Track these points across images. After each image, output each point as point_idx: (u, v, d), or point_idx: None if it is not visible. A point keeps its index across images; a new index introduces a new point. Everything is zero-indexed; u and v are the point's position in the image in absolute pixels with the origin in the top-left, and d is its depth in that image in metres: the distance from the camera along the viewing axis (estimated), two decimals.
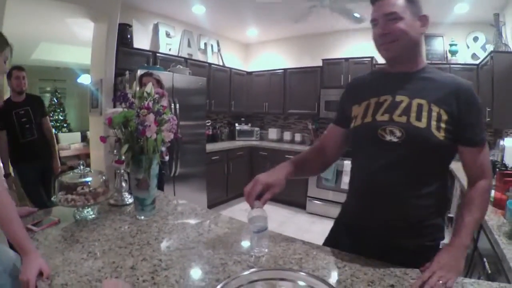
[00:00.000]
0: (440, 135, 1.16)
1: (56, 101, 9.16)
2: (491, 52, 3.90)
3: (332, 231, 1.56)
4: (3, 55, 1.37)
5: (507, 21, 4.15)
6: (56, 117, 9.05)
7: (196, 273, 1.16)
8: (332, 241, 1.48)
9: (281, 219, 5.18)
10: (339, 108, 1.52)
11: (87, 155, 5.92)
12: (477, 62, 4.69)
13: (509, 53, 3.79)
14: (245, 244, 1.42)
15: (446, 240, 1.25)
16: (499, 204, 2.01)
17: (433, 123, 1.16)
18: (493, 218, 1.88)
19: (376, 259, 1.24)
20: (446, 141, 1.16)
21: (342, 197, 4.85)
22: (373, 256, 1.26)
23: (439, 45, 5.17)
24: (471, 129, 1.18)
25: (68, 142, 7.84)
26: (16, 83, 3.41)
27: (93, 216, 1.65)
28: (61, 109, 9.28)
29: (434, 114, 1.17)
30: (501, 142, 3.61)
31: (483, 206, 1.21)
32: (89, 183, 1.69)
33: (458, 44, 5.01)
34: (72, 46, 6.82)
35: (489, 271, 1.65)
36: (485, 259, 1.77)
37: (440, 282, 1.00)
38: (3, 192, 1.14)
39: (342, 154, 1.56)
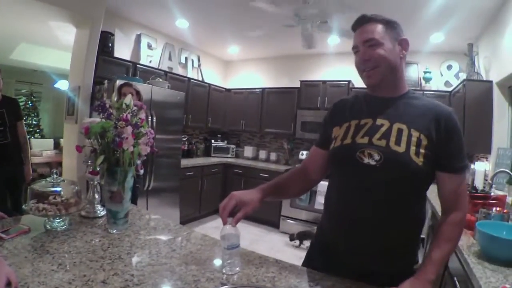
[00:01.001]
0: (419, 160, 1.16)
1: (31, 104, 8.91)
2: (464, 80, 4.06)
3: (308, 254, 1.56)
4: None
5: (480, 51, 4.34)
6: (30, 121, 8.79)
7: None
8: (308, 264, 1.46)
9: (253, 238, 5.16)
10: (321, 130, 1.52)
11: (59, 163, 5.78)
12: (450, 89, 4.88)
13: (481, 82, 3.97)
14: (218, 261, 1.41)
15: (419, 262, 1.28)
16: (468, 226, 2.07)
17: (412, 148, 1.17)
18: (463, 238, 1.92)
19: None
20: (424, 166, 1.17)
21: (315, 217, 4.97)
22: (347, 277, 1.27)
23: (413, 72, 5.35)
24: (450, 155, 1.19)
25: (40, 149, 7.62)
26: None
27: (64, 227, 1.61)
28: (35, 113, 9.04)
29: (413, 139, 1.18)
30: (472, 166, 3.74)
31: (453, 240, 1.21)
32: (62, 193, 1.66)
33: (432, 71, 5.20)
34: (53, 49, 6.70)
35: None
36: (455, 278, 1.81)
37: None
38: None
39: (325, 176, 1.54)
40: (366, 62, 1.26)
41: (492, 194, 2.55)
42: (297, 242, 4.94)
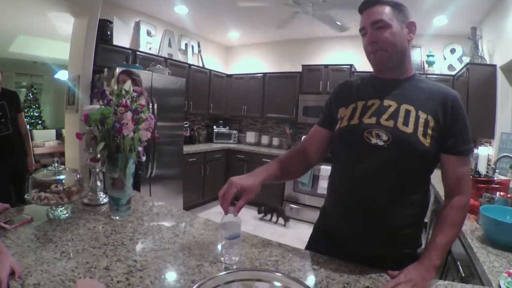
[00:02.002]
0: (426, 141, 1.16)
1: (32, 96, 8.92)
2: (467, 64, 4.01)
3: (311, 238, 1.55)
4: None
5: (484, 35, 4.28)
6: (31, 113, 8.82)
7: (171, 274, 1.14)
8: (311, 248, 1.46)
9: (256, 223, 5.18)
10: (325, 110, 1.50)
11: (62, 154, 5.79)
12: (453, 73, 4.83)
13: (484, 65, 3.92)
14: (219, 247, 1.41)
15: (423, 246, 1.27)
16: (472, 210, 2.06)
17: (420, 129, 1.17)
18: (466, 223, 1.92)
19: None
20: (431, 148, 1.17)
21: (317, 201, 4.98)
22: (351, 261, 1.27)
23: (416, 56, 5.28)
24: (455, 137, 1.19)
25: (42, 140, 7.65)
26: None
27: (67, 215, 1.61)
28: (37, 105, 9.05)
29: (421, 120, 1.18)
30: (475, 151, 3.72)
31: (457, 225, 1.20)
32: (63, 181, 1.66)
33: (435, 55, 5.15)
34: (52, 40, 6.67)
35: (463, 274, 1.69)
36: (458, 263, 1.81)
37: None
38: None
39: (324, 157, 1.54)
40: (374, 44, 1.25)
41: (495, 178, 2.54)
42: (262, 215, 5.19)
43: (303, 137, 5.85)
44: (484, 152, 3.73)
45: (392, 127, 1.20)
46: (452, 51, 5.12)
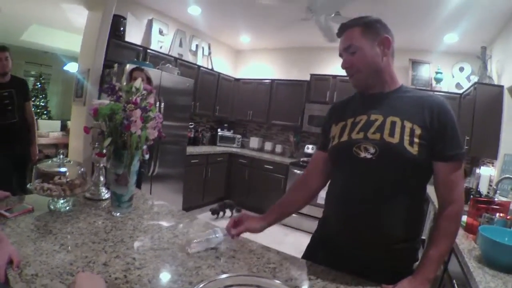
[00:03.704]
0: (414, 150, 1.17)
1: (39, 86, 8.93)
2: (475, 83, 4.00)
3: (309, 247, 1.57)
4: None
5: (494, 55, 4.27)
6: (38, 103, 8.82)
7: (169, 274, 1.15)
8: (308, 257, 1.47)
9: None
10: (321, 133, 1.55)
11: (65, 145, 5.80)
12: (461, 91, 4.82)
13: (492, 86, 3.90)
14: (219, 249, 1.41)
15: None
16: (470, 229, 2.06)
17: (406, 138, 1.18)
18: (464, 242, 1.93)
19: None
20: (420, 155, 1.18)
21: (317, 211, 4.94)
22: (347, 272, 1.27)
23: (425, 72, 5.29)
24: (444, 142, 1.19)
25: (46, 130, 7.65)
26: None
27: (68, 207, 1.62)
28: (44, 95, 9.06)
29: (407, 130, 1.20)
30: (477, 171, 3.71)
31: (450, 236, 1.21)
32: (67, 173, 1.66)
33: (443, 72, 5.14)
34: (64, 32, 6.69)
35: None
36: (454, 281, 1.81)
37: None
38: None
39: (328, 180, 1.53)
40: (348, 68, 1.32)
41: (496, 199, 2.53)
42: (221, 214, 5.25)
43: (307, 146, 5.87)
44: (486, 173, 3.71)
45: (378, 139, 1.22)
46: (461, 69, 5.11)
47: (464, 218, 2.16)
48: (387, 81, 1.32)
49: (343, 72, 1.36)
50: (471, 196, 2.59)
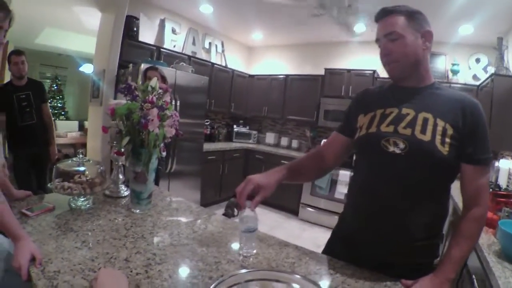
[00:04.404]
0: (444, 149, 1.14)
1: (56, 87, 9.07)
2: (492, 74, 3.92)
3: (329, 242, 1.56)
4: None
5: (510, 45, 4.19)
6: (55, 104, 8.96)
7: (189, 269, 1.16)
8: (328, 252, 1.46)
9: (272, 224, 5.18)
10: (344, 117, 1.51)
11: (83, 145, 5.89)
12: (478, 83, 4.73)
13: (510, 77, 3.82)
14: (238, 245, 1.42)
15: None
16: (490, 224, 2.03)
17: (438, 137, 1.15)
18: (483, 237, 1.89)
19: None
20: (449, 156, 1.15)
21: (334, 206, 4.95)
22: (367, 268, 1.27)
23: (441, 64, 5.21)
24: (473, 146, 1.16)
25: (64, 130, 7.77)
26: (15, 69, 3.41)
27: (88, 205, 1.64)
28: (60, 96, 9.19)
29: (439, 128, 1.16)
30: (496, 164, 3.65)
31: (472, 237, 1.18)
32: (87, 172, 1.69)
33: (460, 64, 5.05)
34: (77, 34, 6.78)
35: None
36: (474, 276, 1.79)
37: None
38: None
39: (340, 163, 1.55)
40: (386, 56, 1.26)
41: None
42: (235, 212, 5.13)
43: (323, 140, 5.85)
44: (506, 166, 3.64)
45: (409, 135, 1.19)
46: (477, 60, 5.02)
47: None
48: (423, 76, 1.28)
49: (358, 66, 1.34)
50: (490, 190, 2.55)
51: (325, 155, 1.53)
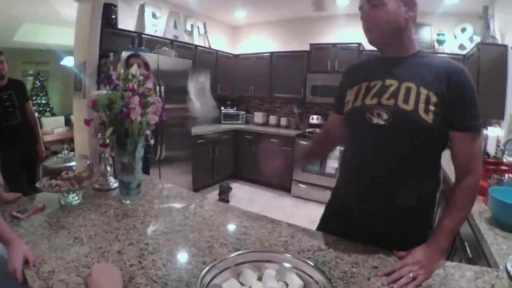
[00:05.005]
0: (429, 118, 1.14)
1: (39, 84, 8.93)
2: (478, 43, 3.92)
3: (323, 218, 1.57)
4: None
5: (496, 14, 4.17)
6: (39, 101, 8.85)
7: (183, 256, 1.16)
8: (322, 228, 1.48)
9: (266, 203, 5.21)
10: (336, 96, 1.52)
11: (71, 140, 5.83)
12: (464, 52, 4.74)
13: (496, 45, 3.82)
14: (231, 227, 1.43)
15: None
16: (480, 191, 2.04)
17: (421, 105, 1.15)
18: (475, 204, 1.90)
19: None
20: (434, 124, 1.14)
21: (326, 181, 4.99)
22: (361, 242, 1.28)
23: (427, 34, 5.18)
24: (462, 112, 1.15)
25: (51, 127, 7.70)
26: None
27: (78, 201, 1.63)
28: (44, 92, 9.06)
29: (422, 96, 1.16)
30: (484, 132, 3.68)
31: (465, 207, 1.19)
32: (74, 167, 1.67)
33: (445, 34, 5.03)
34: (56, 27, 6.64)
35: (470, 255, 1.69)
36: (466, 244, 1.81)
37: (411, 275, 1.03)
38: None
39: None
40: (367, 21, 1.25)
41: (504, 160, 2.51)
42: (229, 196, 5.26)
43: (312, 116, 5.87)
44: (494, 133, 3.67)
45: (392, 105, 1.19)
46: (463, 30, 5.00)
47: None
48: (405, 45, 1.26)
49: (343, 40, 1.32)
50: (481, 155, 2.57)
51: (331, 133, 1.62)
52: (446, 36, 5.03)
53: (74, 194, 1.64)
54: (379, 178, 1.24)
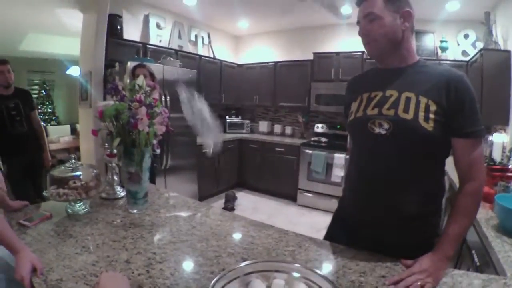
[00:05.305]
0: (429, 126, 1.15)
1: (44, 93, 8.98)
2: (481, 49, 3.92)
3: (330, 227, 1.57)
4: None
5: (498, 20, 4.17)
6: (45, 109, 8.89)
7: (190, 265, 1.17)
8: (329, 238, 1.49)
9: (271, 211, 5.20)
10: (344, 110, 1.53)
11: (77, 148, 5.86)
12: (467, 59, 4.73)
13: (499, 51, 3.82)
14: (238, 236, 1.43)
15: None
16: (487, 198, 2.03)
17: (421, 114, 1.16)
18: (481, 211, 1.90)
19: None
20: (435, 132, 1.15)
21: (332, 190, 4.98)
22: (368, 250, 1.28)
23: (429, 42, 5.19)
24: (462, 119, 1.16)
25: (57, 135, 7.73)
26: (1, 79, 3.35)
27: (85, 210, 1.64)
28: (50, 101, 9.10)
29: (422, 105, 1.17)
30: (490, 138, 3.67)
31: (470, 213, 1.19)
32: (81, 177, 1.68)
33: (448, 41, 5.03)
34: (61, 37, 6.68)
35: (478, 263, 1.68)
36: (473, 251, 1.80)
37: (418, 283, 1.03)
38: None
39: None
40: (364, 36, 1.29)
41: (510, 166, 2.50)
42: (235, 204, 5.26)
43: (316, 125, 5.88)
44: (499, 140, 3.66)
45: (392, 115, 1.21)
46: (466, 36, 5.00)
47: None
48: (404, 55, 1.29)
49: (346, 48, 1.35)
50: (485, 164, 2.56)
51: None
52: (449, 43, 5.03)
53: (81, 203, 1.65)
54: (381, 186, 1.25)
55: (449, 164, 1.28)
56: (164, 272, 1.09)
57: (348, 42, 5.68)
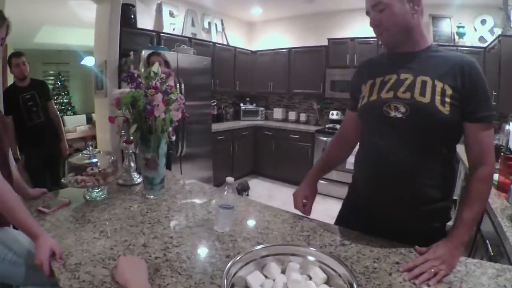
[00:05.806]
0: (445, 109, 1.15)
1: (60, 84, 9.10)
2: (499, 35, 3.81)
3: (340, 213, 1.58)
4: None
5: None
6: (61, 100, 9.02)
7: (206, 249, 1.18)
8: (340, 223, 1.50)
9: (285, 198, 5.18)
10: (350, 93, 1.54)
11: (93, 137, 5.94)
12: (485, 45, 4.61)
13: None
14: (252, 222, 1.44)
15: (452, 222, 1.26)
16: (502, 188, 2.01)
17: (437, 97, 1.16)
18: (496, 201, 1.89)
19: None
20: (451, 116, 1.15)
21: (346, 177, 4.97)
22: (381, 237, 1.29)
23: (446, 27, 5.07)
24: (474, 104, 1.16)
25: (73, 125, 7.87)
26: (17, 71, 3.42)
27: (103, 196, 1.67)
28: (65, 92, 9.24)
29: (438, 89, 1.16)
30: (507, 127, 3.59)
31: (482, 197, 1.19)
32: (98, 163, 1.71)
33: (465, 26, 4.91)
34: (75, 28, 6.74)
35: (492, 253, 1.66)
36: (487, 241, 1.78)
37: (432, 270, 1.03)
38: (2, 184, 1.15)
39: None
40: (377, 26, 1.27)
41: None
42: (247, 193, 5.23)
43: (331, 112, 5.82)
44: None
45: (409, 98, 1.20)
46: (483, 22, 4.86)
47: (496, 176, 2.11)
48: (417, 40, 1.27)
49: (361, 34, 1.33)
50: (502, 154, 2.51)
51: (347, 136, 1.60)
52: (466, 29, 4.91)
53: (99, 189, 1.68)
54: (395, 170, 1.24)
55: (464, 154, 1.27)
56: (181, 255, 1.11)
57: (363, 27, 5.57)
